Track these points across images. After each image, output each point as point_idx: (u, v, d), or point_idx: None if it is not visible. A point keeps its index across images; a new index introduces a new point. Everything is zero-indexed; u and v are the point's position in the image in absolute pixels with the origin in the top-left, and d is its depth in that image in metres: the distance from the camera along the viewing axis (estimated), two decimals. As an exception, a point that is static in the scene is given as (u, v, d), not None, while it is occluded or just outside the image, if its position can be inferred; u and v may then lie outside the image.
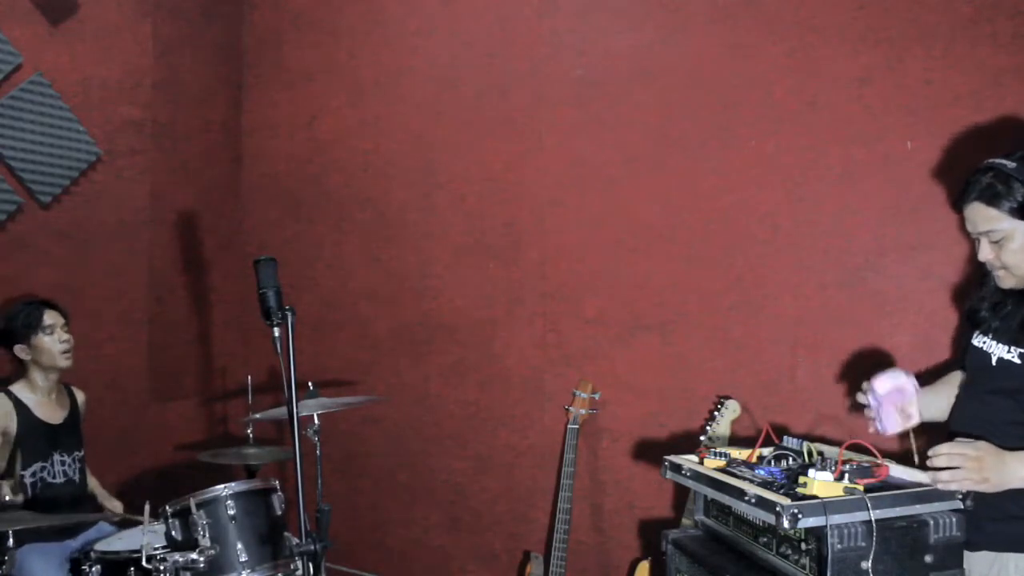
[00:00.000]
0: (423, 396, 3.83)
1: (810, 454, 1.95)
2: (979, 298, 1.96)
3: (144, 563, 2.20)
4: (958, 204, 1.88)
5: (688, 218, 3.10)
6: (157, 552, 2.26)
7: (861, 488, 1.68)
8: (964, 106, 2.56)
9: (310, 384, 2.85)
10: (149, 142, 4.00)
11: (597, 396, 3.27)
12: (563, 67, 3.40)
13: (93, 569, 2.39)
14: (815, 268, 2.82)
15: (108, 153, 3.80)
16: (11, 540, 2.32)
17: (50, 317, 2.90)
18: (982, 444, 1.73)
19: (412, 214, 3.87)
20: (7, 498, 2.54)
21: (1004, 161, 1.80)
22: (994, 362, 1.86)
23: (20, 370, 2.92)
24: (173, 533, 2.35)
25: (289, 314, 2.12)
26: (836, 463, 1.76)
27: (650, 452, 3.16)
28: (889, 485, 1.76)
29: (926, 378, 2.12)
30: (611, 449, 3.29)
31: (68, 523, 2.79)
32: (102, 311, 3.79)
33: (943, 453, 1.69)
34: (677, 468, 2.03)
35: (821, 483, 1.68)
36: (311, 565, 2.13)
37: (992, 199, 1.78)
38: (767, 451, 2.02)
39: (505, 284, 3.57)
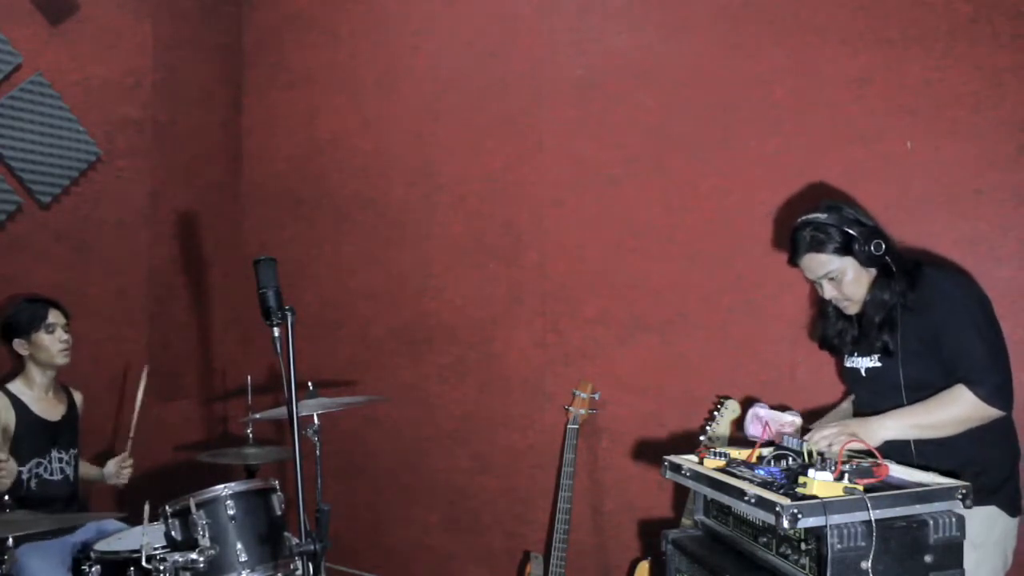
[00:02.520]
0: (423, 396, 3.83)
1: (810, 454, 1.95)
2: (824, 330, 2.34)
3: (144, 563, 2.20)
4: (793, 260, 2.21)
5: (688, 218, 3.10)
6: (157, 552, 2.26)
7: (861, 488, 1.68)
8: (964, 106, 2.56)
9: (310, 384, 2.85)
10: (149, 142, 4.00)
11: (597, 396, 3.27)
12: (563, 67, 3.40)
13: (93, 569, 2.39)
14: (815, 268, 2.82)
15: (108, 153, 3.80)
16: (10, 541, 2.32)
17: (53, 316, 2.92)
18: (848, 420, 2.17)
19: (412, 214, 3.87)
20: (4, 481, 2.55)
21: (817, 215, 2.15)
22: (864, 372, 2.22)
23: (18, 367, 2.93)
24: (173, 533, 2.35)
25: (289, 314, 2.12)
26: (836, 463, 1.76)
27: (650, 452, 3.16)
28: (889, 485, 1.76)
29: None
30: (611, 449, 3.29)
31: (69, 524, 2.79)
32: (102, 311, 3.79)
33: (817, 437, 2.05)
34: (677, 468, 2.03)
35: (821, 483, 1.68)
36: (311, 565, 2.13)
37: (819, 247, 2.12)
38: (767, 451, 2.02)
39: (505, 284, 3.57)
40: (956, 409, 2.00)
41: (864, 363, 2.22)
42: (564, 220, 3.41)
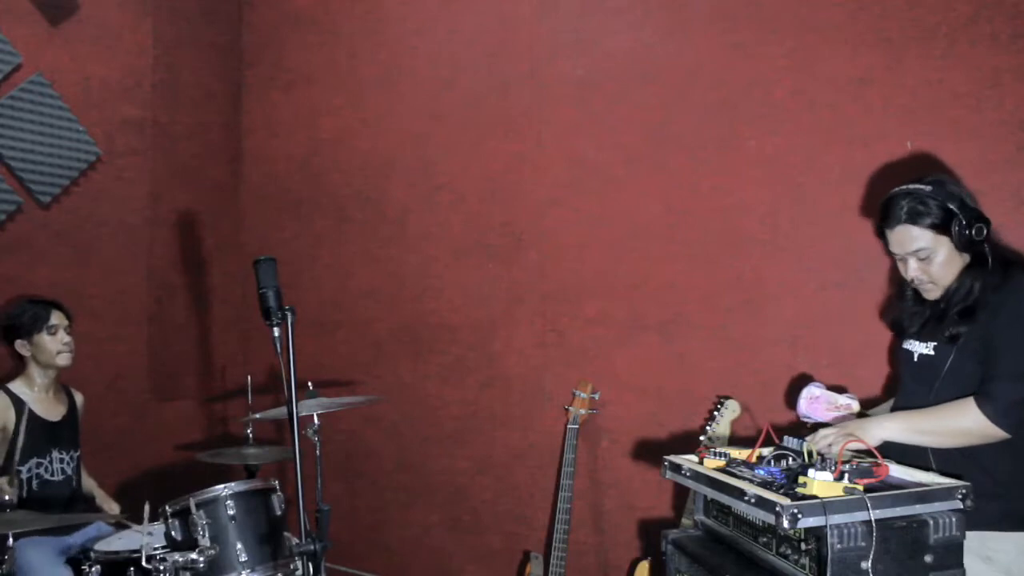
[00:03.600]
0: (423, 396, 3.83)
1: (810, 454, 1.95)
2: (900, 310, 2.20)
3: (144, 563, 2.20)
4: (881, 229, 2.06)
5: (688, 218, 3.10)
6: (157, 552, 2.26)
7: (861, 488, 1.68)
8: (964, 106, 2.56)
9: (310, 384, 2.85)
10: (149, 142, 4.00)
11: (597, 396, 3.27)
12: (563, 67, 3.40)
13: (93, 569, 2.39)
14: (815, 268, 2.82)
15: (108, 153, 3.80)
16: (11, 540, 2.32)
17: (56, 317, 2.93)
18: (847, 422, 2.08)
19: (412, 214, 3.87)
20: (6, 498, 2.54)
21: (919, 185, 1.99)
22: (916, 358, 2.10)
23: (19, 367, 2.93)
24: (173, 533, 2.35)
25: (289, 314, 2.12)
26: (836, 463, 1.76)
27: (650, 452, 3.16)
28: (889, 485, 1.76)
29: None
30: (611, 449, 3.29)
31: (67, 524, 2.79)
32: (102, 311, 3.79)
33: (818, 437, 2.00)
34: (677, 468, 2.03)
35: (821, 483, 1.68)
36: (311, 565, 2.13)
37: (915, 219, 1.97)
38: (767, 451, 2.02)
39: (505, 284, 3.57)
40: (959, 421, 1.89)
41: (919, 348, 2.09)
42: (564, 220, 3.41)
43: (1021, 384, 1.85)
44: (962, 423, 1.89)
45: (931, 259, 1.98)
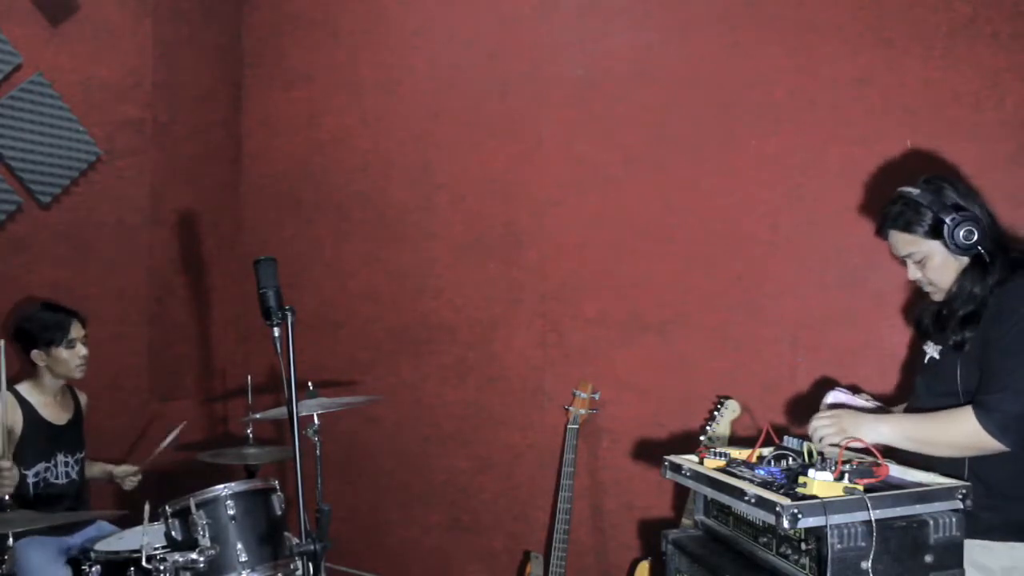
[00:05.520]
0: (423, 396, 3.83)
1: (810, 454, 1.95)
2: (922, 309, 2.15)
3: (144, 563, 2.20)
4: (880, 233, 2.07)
5: (688, 218, 3.10)
6: (157, 552, 2.26)
7: (861, 488, 1.68)
8: (964, 106, 2.56)
9: (310, 384, 2.85)
10: (149, 142, 4.00)
11: (597, 396, 3.27)
12: (563, 67, 3.40)
13: (93, 569, 2.39)
14: (815, 268, 2.82)
15: (108, 153, 3.80)
16: (11, 540, 2.32)
17: (76, 331, 2.89)
18: (841, 411, 2.02)
19: (412, 214, 3.87)
20: (6, 498, 2.54)
21: (910, 189, 1.99)
22: (926, 361, 2.08)
23: (29, 369, 2.91)
24: (173, 533, 2.35)
25: (289, 314, 2.12)
26: (836, 463, 1.76)
27: (650, 452, 3.16)
28: (889, 485, 1.76)
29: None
30: (611, 449, 3.29)
31: (66, 522, 2.79)
32: (102, 311, 3.78)
33: (814, 424, 1.99)
34: (677, 468, 2.03)
35: (821, 483, 1.68)
36: (311, 565, 2.13)
37: (906, 225, 1.97)
38: (767, 451, 2.02)
39: (505, 284, 3.57)
40: (954, 431, 1.84)
41: (931, 351, 2.06)
42: (564, 220, 3.41)
43: (1018, 397, 1.78)
44: (958, 435, 1.84)
45: (925, 263, 1.99)
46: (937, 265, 1.97)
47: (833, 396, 2.16)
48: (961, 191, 1.97)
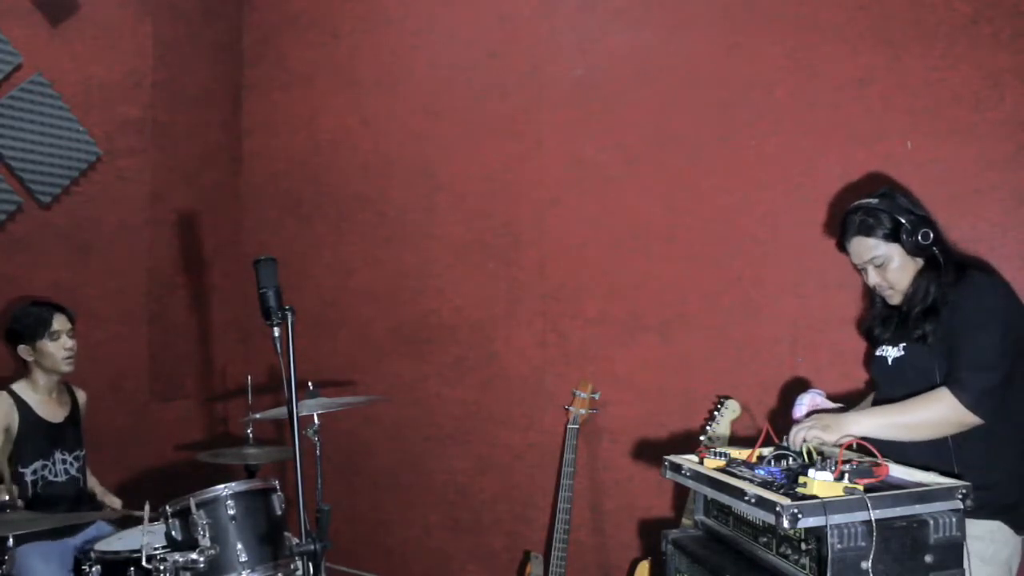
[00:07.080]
0: (423, 396, 3.83)
1: (810, 454, 1.95)
2: (871, 318, 2.32)
3: (144, 563, 2.20)
4: (841, 243, 2.21)
5: (688, 218, 3.10)
6: (157, 552, 2.26)
7: (861, 488, 1.68)
8: (964, 106, 2.56)
9: (310, 384, 2.85)
10: (149, 142, 4.00)
11: (597, 396, 3.27)
12: (563, 67, 3.40)
13: (93, 569, 2.39)
14: (815, 268, 2.82)
15: (108, 153, 3.80)
16: (11, 540, 2.32)
17: (58, 323, 2.89)
18: (820, 415, 2.12)
19: (412, 214, 3.87)
20: (6, 498, 2.54)
21: (869, 199, 2.16)
22: (890, 363, 2.19)
23: (23, 369, 2.92)
24: (173, 533, 2.35)
25: (289, 314, 2.12)
26: (836, 463, 1.76)
27: (650, 452, 3.16)
28: (889, 485, 1.76)
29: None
30: (611, 449, 3.29)
31: (67, 523, 2.79)
32: (102, 311, 3.78)
33: (800, 431, 2.04)
34: (677, 468, 2.03)
35: (821, 483, 1.68)
36: (311, 565, 2.13)
37: (868, 230, 2.12)
38: (767, 451, 2.02)
39: (505, 284, 3.57)
40: (933, 411, 1.96)
41: (892, 353, 2.18)
42: (564, 220, 3.41)
43: (988, 373, 1.94)
44: (937, 413, 1.96)
45: (886, 266, 2.13)
46: (896, 267, 2.12)
47: (809, 397, 2.25)
48: (912, 200, 2.17)
